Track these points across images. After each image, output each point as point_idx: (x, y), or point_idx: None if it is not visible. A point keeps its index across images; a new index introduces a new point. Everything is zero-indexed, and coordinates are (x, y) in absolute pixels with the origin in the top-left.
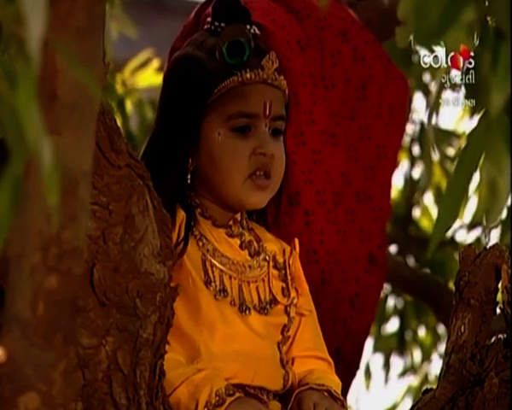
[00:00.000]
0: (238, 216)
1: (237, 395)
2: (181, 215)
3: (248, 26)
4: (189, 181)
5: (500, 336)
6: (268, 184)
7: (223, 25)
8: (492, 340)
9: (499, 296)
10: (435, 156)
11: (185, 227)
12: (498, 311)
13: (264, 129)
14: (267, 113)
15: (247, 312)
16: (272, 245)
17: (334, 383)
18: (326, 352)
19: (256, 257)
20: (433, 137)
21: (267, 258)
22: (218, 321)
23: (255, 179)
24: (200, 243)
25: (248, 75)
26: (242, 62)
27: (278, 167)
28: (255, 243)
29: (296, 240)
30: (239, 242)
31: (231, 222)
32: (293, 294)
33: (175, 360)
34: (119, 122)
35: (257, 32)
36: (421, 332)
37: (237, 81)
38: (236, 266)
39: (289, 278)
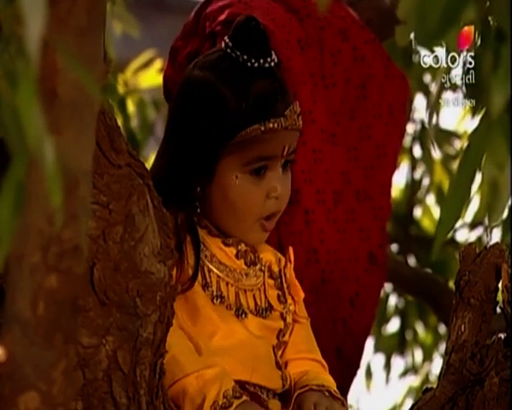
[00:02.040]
0: None
1: (244, 398)
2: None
3: (269, 59)
4: (198, 210)
5: (500, 335)
6: (274, 224)
7: (245, 57)
8: (492, 339)
9: (499, 296)
10: (436, 156)
11: (194, 265)
12: (498, 310)
13: (278, 170)
14: (285, 154)
15: (244, 316)
16: (268, 255)
17: (330, 383)
18: (319, 354)
19: (252, 266)
20: (433, 136)
21: (263, 268)
22: (215, 321)
23: (264, 223)
24: None
25: (271, 125)
26: (268, 114)
27: (284, 205)
28: (251, 254)
29: (291, 249)
30: (235, 251)
31: None
32: (289, 300)
33: (188, 346)
34: (120, 122)
35: (276, 61)
36: (422, 332)
37: (260, 130)
38: (234, 273)
39: (285, 286)
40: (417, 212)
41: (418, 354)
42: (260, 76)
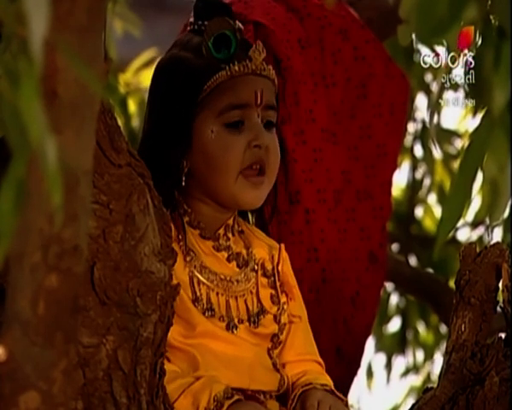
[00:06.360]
0: (230, 221)
1: (236, 397)
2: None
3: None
4: (183, 183)
5: (500, 334)
6: (262, 180)
7: (205, 23)
8: (493, 339)
9: (500, 295)
10: (437, 155)
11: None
12: (499, 310)
13: (256, 120)
14: (258, 101)
15: (234, 329)
16: (261, 251)
17: (330, 384)
18: (317, 355)
19: (244, 268)
20: (434, 136)
21: (255, 267)
22: (208, 335)
23: (248, 177)
24: (188, 258)
25: (237, 68)
26: (230, 55)
27: (273, 160)
28: (244, 252)
29: (283, 246)
30: (226, 255)
31: (221, 231)
32: (283, 299)
33: (172, 372)
34: (121, 122)
35: (240, 26)
36: (424, 331)
37: (226, 75)
38: (223, 281)
39: (278, 284)
40: (418, 211)
41: (419, 354)
42: (214, 20)
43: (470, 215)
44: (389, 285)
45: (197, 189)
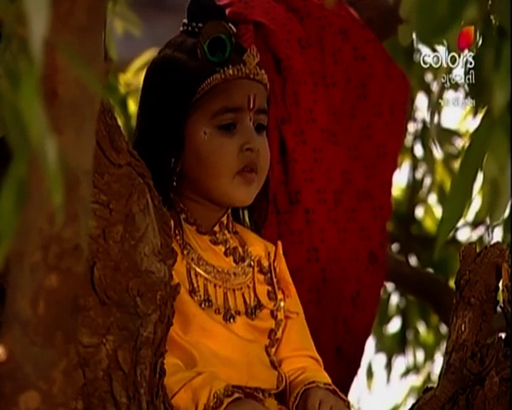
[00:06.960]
0: (224, 219)
1: (236, 395)
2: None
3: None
4: (174, 183)
5: (500, 334)
6: (255, 177)
7: (200, 25)
8: (493, 339)
9: (500, 295)
10: (438, 155)
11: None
12: (499, 309)
13: (248, 123)
14: (251, 106)
15: (232, 320)
16: (257, 248)
17: (326, 380)
18: (314, 350)
19: (241, 263)
20: (435, 136)
21: (252, 263)
22: (206, 330)
23: (243, 174)
24: (185, 252)
25: (231, 71)
26: (224, 59)
27: (264, 163)
28: (240, 249)
29: (279, 244)
30: (223, 249)
31: (216, 228)
32: (279, 296)
33: (174, 365)
34: (121, 122)
35: (233, 29)
36: (424, 332)
37: (220, 78)
38: (221, 274)
39: (275, 281)
40: (419, 211)
41: (419, 354)
42: (209, 23)
43: (470, 215)
44: (389, 285)
45: (189, 189)
